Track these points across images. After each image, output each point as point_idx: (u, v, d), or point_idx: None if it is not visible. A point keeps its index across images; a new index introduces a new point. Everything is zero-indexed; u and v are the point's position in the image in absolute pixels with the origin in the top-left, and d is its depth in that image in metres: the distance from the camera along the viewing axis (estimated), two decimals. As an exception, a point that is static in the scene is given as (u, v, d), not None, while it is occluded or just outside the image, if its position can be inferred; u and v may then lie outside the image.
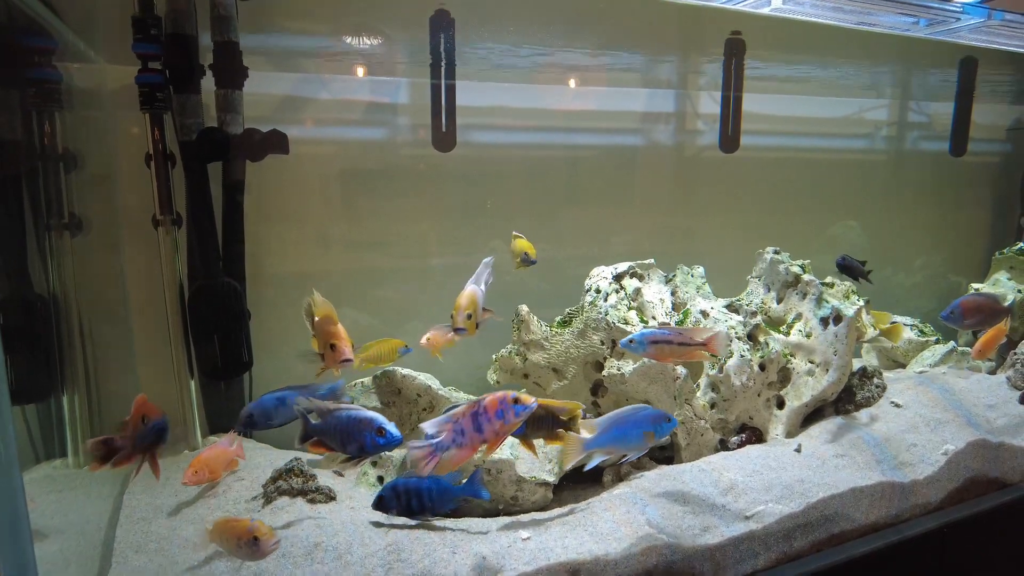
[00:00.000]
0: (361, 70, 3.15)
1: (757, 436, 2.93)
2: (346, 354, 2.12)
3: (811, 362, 3.00)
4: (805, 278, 3.10)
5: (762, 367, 2.93)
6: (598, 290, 2.85)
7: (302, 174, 3.05)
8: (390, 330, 2.84)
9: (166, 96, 2.60)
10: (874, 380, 3.13)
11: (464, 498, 2.32)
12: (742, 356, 2.87)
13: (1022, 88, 4.93)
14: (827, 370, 2.92)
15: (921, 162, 4.77)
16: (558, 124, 3.63)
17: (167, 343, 2.73)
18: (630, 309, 2.86)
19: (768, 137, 4.17)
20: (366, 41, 3.08)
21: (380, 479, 2.60)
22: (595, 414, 2.84)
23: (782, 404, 2.98)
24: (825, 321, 2.98)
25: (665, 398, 2.70)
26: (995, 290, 3.75)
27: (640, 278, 3.01)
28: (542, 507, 2.53)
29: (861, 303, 3.03)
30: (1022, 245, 3.86)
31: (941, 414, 3.00)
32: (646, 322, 2.87)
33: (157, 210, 2.66)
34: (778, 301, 3.20)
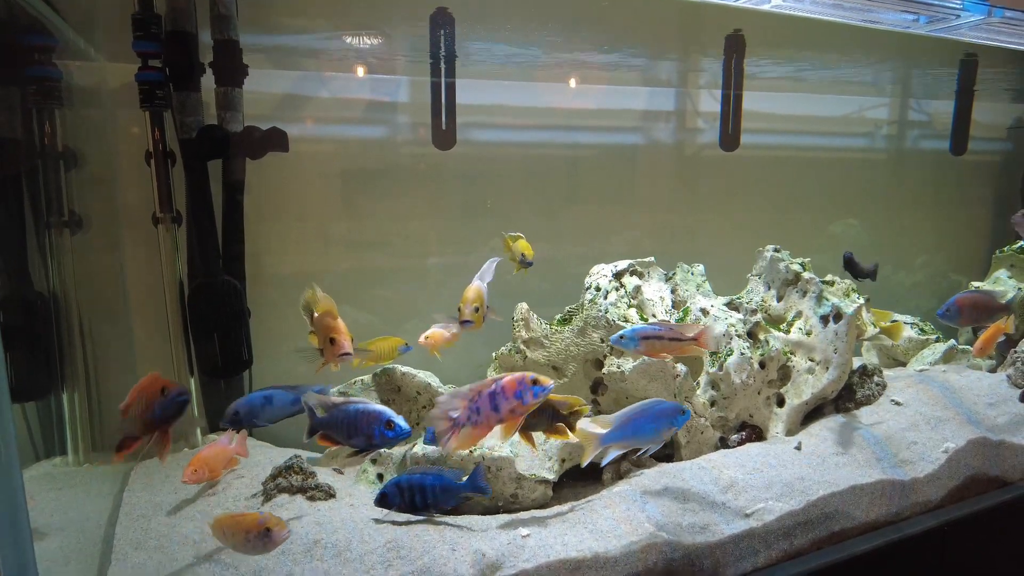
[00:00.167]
0: (361, 68, 3.15)
1: (757, 434, 2.92)
2: (345, 348, 2.07)
3: (811, 360, 3.00)
4: (805, 276, 3.10)
5: (762, 365, 2.93)
6: (598, 288, 2.85)
7: (302, 172, 3.05)
8: (390, 328, 2.84)
9: (166, 94, 2.60)
10: (874, 378, 3.12)
11: (467, 494, 2.32)
12: (742, 354, 2.86)
13: (1023, 86, 4.92)
14: (827, 368, 2.92)
15: (922, 160, 4.77)
16: (558, 122, 3.63)
17: (167, 341, 2.73)
18: (630, 307, 2.85)
19: (768, 135, 4.17)
20: (366, 39, 3.09)
21: (380, 477, 2.61)
22: (595, 412, 2.85)
23: (782, 402, 2.98)
24: (825, 319, 2.98)
25: (665, 396, 2.70)
26: (996, 288, 3.74)
27: (640, 276, 3.01)
28: (542, 505, 2.53)
29: (861, 301, 3.03)
30: (1023, 243, 3.86)
31: (941, 412, 3.00)
32: (646, 320, 2.87)
33: (157, 208, 2.66)
34: (778, 299, 3.20)
